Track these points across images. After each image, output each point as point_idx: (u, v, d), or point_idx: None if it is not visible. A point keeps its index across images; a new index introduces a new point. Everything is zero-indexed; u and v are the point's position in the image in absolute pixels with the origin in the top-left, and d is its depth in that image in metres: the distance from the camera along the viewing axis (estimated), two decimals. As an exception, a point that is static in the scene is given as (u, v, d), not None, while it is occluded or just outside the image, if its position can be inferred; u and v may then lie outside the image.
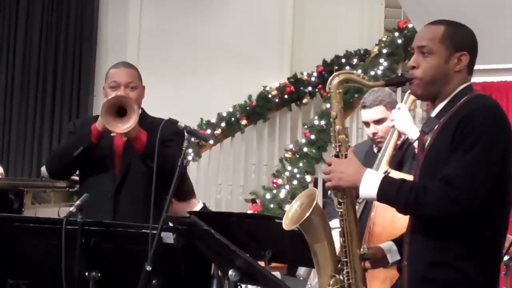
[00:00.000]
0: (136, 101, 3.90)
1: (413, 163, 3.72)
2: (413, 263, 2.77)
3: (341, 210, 2.81)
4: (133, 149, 3.83)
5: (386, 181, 2.71)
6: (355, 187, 2.75)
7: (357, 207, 3.28)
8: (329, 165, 2.81)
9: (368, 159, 3.89)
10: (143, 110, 4.03)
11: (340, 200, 2.81)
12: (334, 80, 2.85)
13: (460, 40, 2.74)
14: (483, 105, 2.69)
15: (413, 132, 3.73)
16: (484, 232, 2.66)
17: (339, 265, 2.83)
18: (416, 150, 3.61)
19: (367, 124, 4.05)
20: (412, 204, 2.64)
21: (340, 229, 2.85)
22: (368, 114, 4.01)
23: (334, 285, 2.80)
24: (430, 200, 2.61)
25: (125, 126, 3.73)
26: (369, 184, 2.71)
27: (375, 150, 4.00)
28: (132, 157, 3.87)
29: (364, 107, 4.06)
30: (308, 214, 2.79)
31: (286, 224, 2.85)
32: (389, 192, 2.69)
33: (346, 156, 2.82)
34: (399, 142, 3.94)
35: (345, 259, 2.82)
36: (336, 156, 2.83)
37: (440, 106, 2.78)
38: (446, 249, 2.67)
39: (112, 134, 3.82)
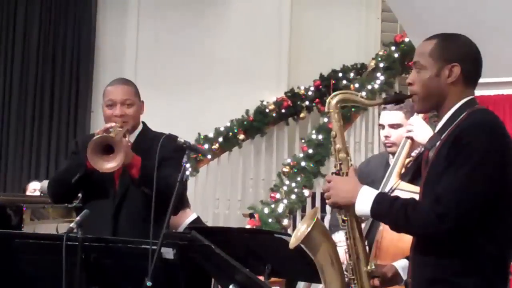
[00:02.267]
0: (133, 118, 3.91)
1: None
2: (415, 280, 2.76)
3: (345, 228, 2.83)
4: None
5: (379, 198, 2.72)
6: (351, 204, 2.76)
7: (365, 222, 3.30)
8: (329, 182, 2.83)
9: (385, 171, 3.85)
10: (145, 124, 4.02)
11: (344, 218, 2.83)
12: (333, 100, 2.88)
13: (451, 52, 2.73)
14: (479, 120, 2.67)
15: None
16: (485, 248, 2.63)
17: (347, 281, 2.85)
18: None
19: (382, 126, 4.02)
20: (401, 222, 2.65)
21: (345, 245, 2.86)
22: (386, 117, 3.97)
23: None
24: (417, 218, 2.61)
25: (111, 165, 3.68)
26: (364, 201, 2.72)
27: (391, 162, 3.96)
28: (129, 179, 3.85)
29: (384, 108, 4.03)
30: (308, 231, 2.81)
31: (291, 243, 2.88)
32: (381, 209, 2.69)
33: (347, 174, 2.84)
34: (413, 154, 3.87)
35: (353, 277, 2.83)
36: (337, 174, 2.86)
37: (441, 122, 2.77)
38: (445, 266, 2.65)
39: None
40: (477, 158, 2.58)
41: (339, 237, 3.41)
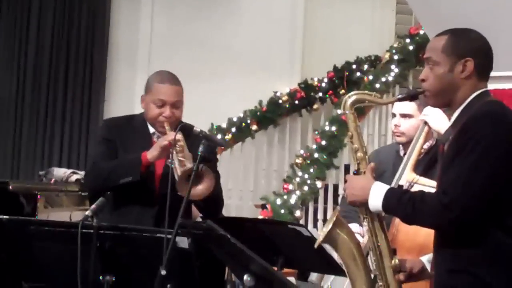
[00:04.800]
0: (179, 119, 3.87)
1: None
2: (436, 272, 2.79)
3: (367, 225, 2.88)
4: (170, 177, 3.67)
5: (389, 192, 2.77)
6: (366, 201, 2.81)
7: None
8: (346, 182, 2.90)
9: (396, 162, 3.84)
10: (184, 123, 3.88)
11: (364, 216, 2.88)
12: (348, 101, 2.92)
13: (463, 47, 2.75)
14: (486, 111, 2.68)
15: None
16: (501, 238, 2.64)
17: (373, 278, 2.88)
18: None
19: (394, 115, 4.02)
20: (410, 214, 2.70)
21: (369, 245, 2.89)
22: (399, 106, 3.96)
23: None
24: (424, 208, 2.65)
25: (199, 193, 3.61)
26: (375, 197, 2.78)
27: (401, 153, 3.94)
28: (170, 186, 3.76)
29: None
30: (328, 229, 2.87)
31: (316, 244, 2.93)
32: (391, 203, 2.75)
33: (365, 173, 2.89)
34: (425, 147, 3.86)
35: (377, 273, 2.87)
36: (356, 173, 2.92)
37: (454, 116, 2.80)
38: (463, 257, 2.68)
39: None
40: (483, 148, 2.60)
41: (353, 228, 3.42)
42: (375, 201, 2.77)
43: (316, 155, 7.42)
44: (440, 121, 3.65)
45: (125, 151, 3.89)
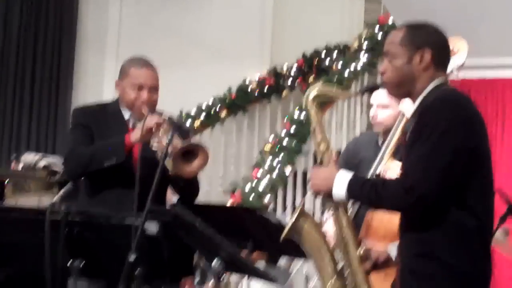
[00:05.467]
0: (156, 104, 3.89)
1: None
2: (402, 256, 2.84)
3: (333, 216, 2.93)
4: (148, 156, 3.66)
5: (353, 180, 2.82)
6: (330, 190, 2.85)
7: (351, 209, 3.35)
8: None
9: (375, 151, 3.87)
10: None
11: (330, 207, 2.95)
12: (309, 96, 3.00)
13: (421, 38, 2.83)
14: (441, 98, 2.76)
15: None
16: (464, 221, 2.71)
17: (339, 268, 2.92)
18: None
19: (372, 105, 4.06)
20: (373, 199, 2.75)
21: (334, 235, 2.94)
22: (376, 96, 4.01)
23: None
24: (387, 193, 2.72)
25: (191, 170, 3.62)
26: (339, 186, 2.83)
27: (380, 142, 3.98)
28: (149, 164, 3.62)
29: (372, 92, 4.05)
30: (292, 221, 2.92)
31: (282, 237, 2.97)
32: (355, 190, 2.80)
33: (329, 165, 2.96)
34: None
35: (344, 262, 2.91)
36: (320, 165, 2.98)
37: (414, 106, 2.87)
38: (426, 240, 2.73)
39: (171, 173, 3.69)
40: (439, 132, 2.68)
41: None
42: (339, 190, 2.82)
43: (285, 141, 7.44)
44: None
45: (101, 138, 3.86)
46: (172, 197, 4.37)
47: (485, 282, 2.78)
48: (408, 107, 3.71)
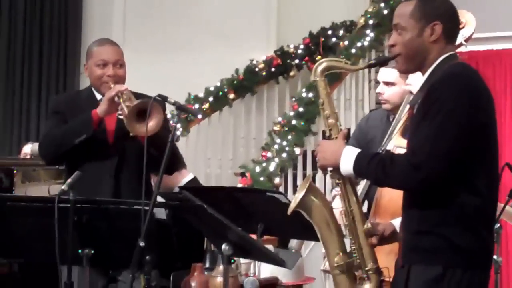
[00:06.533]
0: (123, 79, 3.94)
1: None
2: (405, 233, 2.83)
3: (340, 190, 2.91)
4: (124, 130, 3.80)
5: (360, 156, 2.80)
6: (337, 165, 2.84)
7: (359, 183, 3.33)
8: (318, 147, 2.93)
9: (386, 128, 3.86)
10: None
11: (337, 181, 2.91)
12: (318, 68, 2.96)
13: (431, 11, 2.80)
14: (450, 73, 2.73)
15: None
16: (467, 199, 2.69)
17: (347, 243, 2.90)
18: None
19: (378, 82, 4.05)
20: (380, 176, 2.74)
21: (342, 209, 2.91)
22: (382, 74, 4.00)
23: (339, 262, 2.88)
24: (394, 170, 2.70)
25: (145, 129, 3.54)
26: (347, 161, 2.81)
27: (390, 118, 3.96)
28: (125, 137, 3.86)
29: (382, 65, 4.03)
30: (301, 195, 2.88)
31: (289, 210, 2.93)
32: (362, 166, 2.78)
33: (337, 138, 2.92)
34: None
35: (350, 237, 2.89)
36: (328, 138, 2.94)
37: (423, 79, 2.85)
38: (428, 217, 2.72)
39: (131, 135, 3.77)
40: (448, 108, 2.65)
41: (337, 205, 3.44)
42: (346, 165, 2.80)
43: (293, 122, 7.41)
44: None
45: None
46: (176, 183, 4.36)
47: (487, 260, 2.77)
48: (415, 83, 3.70)
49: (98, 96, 3.98)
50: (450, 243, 2.68)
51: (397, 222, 2.95)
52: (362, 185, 3.53)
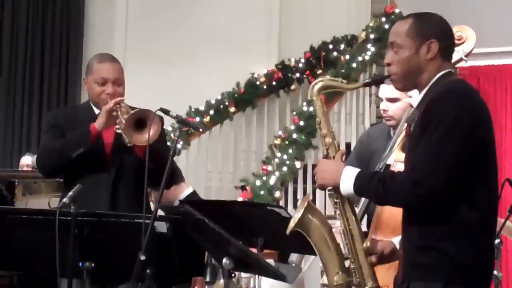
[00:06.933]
0: (122, 96, 3.93)
1: None
2: (405, 249, 2.83)
3: (338, 209, 2.91)
4: (121, 143, 3.82)
5: (360, 175, 2.80)
6: (337, 185, 2.84)
7: (357, 203, 3.33)
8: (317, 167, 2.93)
9: (387, 143, 3.85)
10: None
11: (336, 200, 2.91)
12: (314, 88, 2.96)
13: (427, 29, 2.81)
14: (449, 89, 2.74)
15: None
16: (467, 214, 2.69)
17: (346, 262, 2.91)
18: None
19: (381, 99, 4.04)
20: (381, 194, 2.73)
21: (340, 229, 2.92)
22: (384, 90, 3.99)
23: (339, 281, 2.88)
24: (395, 188, 2.70)
25: (144, 138, 3.60)
26: (347, 180, 2.80)
27: (392, 134, 3.96)
28: (123, 151, 3.87)
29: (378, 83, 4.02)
30: (299, 215, 2.89)
31: (288, 229, 2.94)
32: (362, 186, 2.78)
33: (334, 158, 2.93)
34: None
35: (350, 256, 2.90)
36: (326, 157, 2.95)
37: (420, 96, 2.86)
38: (428, 233, 2.72)
39: (129, 145, 3.79)
40: (447, 124, 2.66)
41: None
42: (347, 185, 2.80)
43: (294, 135, 7.42)
44: None
45: None
46: (176, 197, 4.37)
47: (486, 275, 2.77)
48: (415, 95, 3.70)
49: (97, 111, 3.98)
50: (450, 258, 2.68)
51: (397, 240, 2.95)
52: (361, 204, 3.52)
